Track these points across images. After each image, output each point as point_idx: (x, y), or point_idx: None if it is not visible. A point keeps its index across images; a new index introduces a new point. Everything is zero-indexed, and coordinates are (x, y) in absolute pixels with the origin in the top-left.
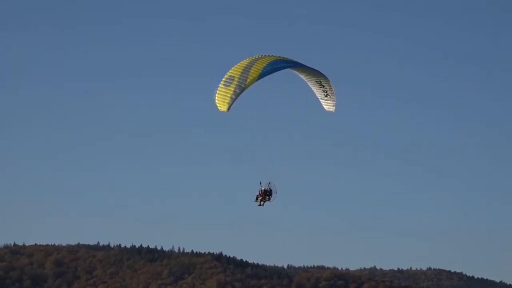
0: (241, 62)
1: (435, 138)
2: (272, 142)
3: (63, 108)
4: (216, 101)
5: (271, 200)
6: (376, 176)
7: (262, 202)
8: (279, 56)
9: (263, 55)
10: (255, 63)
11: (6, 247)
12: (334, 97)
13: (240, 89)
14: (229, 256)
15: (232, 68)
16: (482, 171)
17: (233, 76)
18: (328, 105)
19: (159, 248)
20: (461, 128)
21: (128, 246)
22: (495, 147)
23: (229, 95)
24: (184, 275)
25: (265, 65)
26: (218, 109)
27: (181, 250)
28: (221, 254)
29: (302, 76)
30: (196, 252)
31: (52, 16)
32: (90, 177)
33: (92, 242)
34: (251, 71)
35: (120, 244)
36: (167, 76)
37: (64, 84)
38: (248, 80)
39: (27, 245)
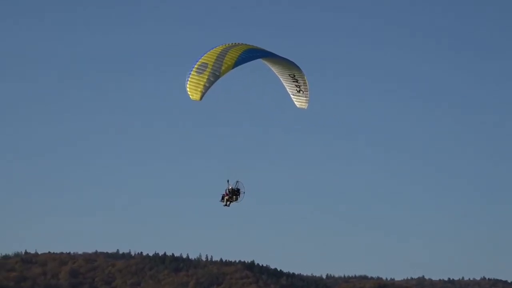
0: (214, 49)
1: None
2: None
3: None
4: (188, 89)
5: (238, 200)
6: (415, 178)
7: (228, 203)
8: (252, 45)
9: (236, 43)
10: (230, 50)
11: (17, 255)
12: (308, 92)
13: (214, 77)
14: (262, 265)
15: (205, 55)
16: None
17: (206, 63)
18: (300, 102)
19: (184, 256)
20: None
21: (151, 254)
22: None
23: (202, 83)
24: (212, 286)
25: (240, 52)
26: (190, 97)
27: (209, 259)
28: (253, 262)
29: (274, 69)
30: (226, 260)
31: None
32: (107, 179)
33: (111, 249)
34: (226, 58)
35: (141, 252)
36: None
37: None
38: (223, 67)
39: (39, 253)
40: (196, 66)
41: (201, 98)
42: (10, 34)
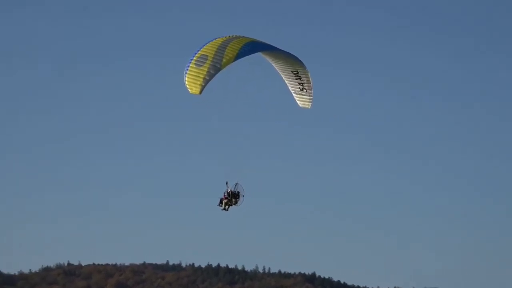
0: (214, 41)
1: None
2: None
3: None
4: (186, 82)
5: (238, 204)
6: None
7: (226, 207)
8: (253, 38)
9: (237, 35)
10: (231, 43)
11: (59, 267)
12: (311, 91)
13: (215, 70)
14: (324, 277)
15: (204, 47)
16: None
17: (206, 55)
18: (303, 101)
19: (240, 267)
20: None
21: (203, 266)
22: None
23: (202, 76)
24: None
25: (242, 45)
26: (189, 91)
27: (267, 270)
28: (314, 274)
29: (276, 64)
30: (284, 272)
31: None
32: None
33: (160, 261)
34: (227, 50)
35: (193, 263)
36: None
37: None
38: (224, 59)
39: (83, 264)
40: (195, 58)
41: (200, 92)
42: None
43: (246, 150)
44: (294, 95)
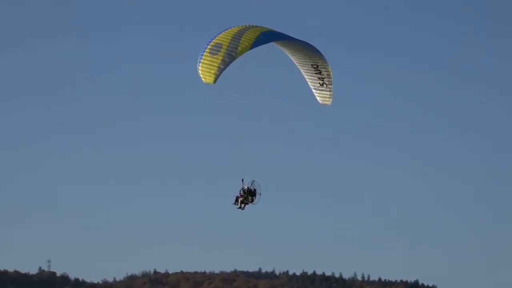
0: (229, 29)
1: None
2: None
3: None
4: (200, 71)
5: (254, 202)
6: None
7: (242, 205)
8: (270, 28)
9: (252, 25)
10: (246, 31)
11: (145, 275)
12: (332, 86)
13: (230, 58)
14: (427, 285)
15: (219, 35)
16: None
17: (221, 44)
18: (323, 97)
19: (337, 275)
20: None
21: (298, 273)
22: None
23: (216, 65)
24: None
25: (258, 34)
26: (202, 80)
27: (366, 278)
28: (416, 282)
29: (294, 57)
30: (385, 280)
31: None
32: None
33: (252, 268)
34: (242, 39)
35: (287, 271)
36: None
37: None
38: (240, 48)
39: (170, 272)
40: (209, 47)
41: (215, 81)
42: None
43: (263, 146)
44: (313, 91)
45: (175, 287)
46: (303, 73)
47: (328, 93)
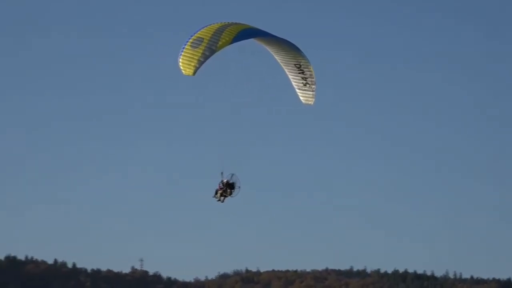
0: (212, 25)
1: None
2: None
3: None
4: (180, 64)
5: (233, 195)
6: None
7: (222, 198)
8: (253, 26)
9: (235, 22)
10: (228, 27)
11: (237, 273)
12: (315, 86)
13: (210, 52)
14: None
15: (201, 30)
16: None
17: (202, 38)
18: (306, 96)
19: (429, 273)
20: None
21: (389, 271)
22: None
23: (197, 57)
24: None
25: (240, 30)
26: (182, 72)
27: (458, 276)
28: (509, 280)
29: (277, 56)
30: (477, 278)
31: None
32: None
33: (344, 266)
34: (224, 34)
35: (379, 269)
36: None
37: None
38: (220, 42)
39: (262, 271)
40: (190, 40)
41: (194, 73)
42: None
43: (244, 140)
44: (297, 90)
45: (267, 286)
46: (286, 72)
47: (311, 93)
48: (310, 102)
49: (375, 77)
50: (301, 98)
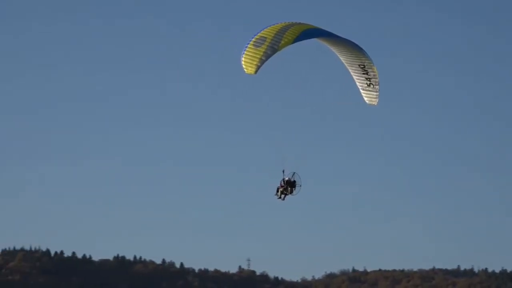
0: (275, 25)
1: None
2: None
3: None
4: (243, 62)
5: (294, 193)
6: None
7: (282, 196)
8: (316, 26)
9: (299, 22)
10: (291, 27)
11: (344, 273)
12: (378, 86)
13: (272, 51)
14: None
15: (264, 30)
16: None
17: (265, 37)
18: (370, 97)
19: None
20: None
21: (497, 271)
22: None
23: (259, 56)
24: None
25: (302, 30)
26: (245, 71)
27: None
28: None
29: (342, 57)
30: None
31: None
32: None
33: (451, 266)
34: (286, 33)
35: (486, 268)
36: None
37: None
38: (283, 41)
39: (369, 270)
40: (253, 40)
41: (256, 72)
42: None
43: (305, 139)
44: (361, 91)
45: (374, 286)
46: (351, 72)
47: (375, 93)
48: (374, 103)
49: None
50: (365, 98)
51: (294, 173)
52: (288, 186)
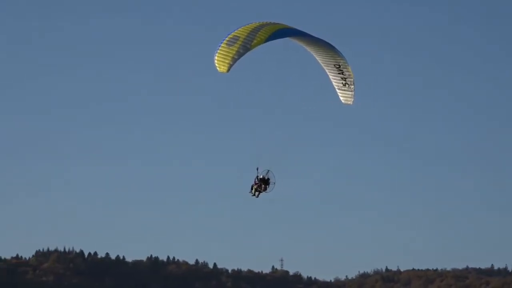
0: (248, 25)
1: None
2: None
3: None
4: (216, 61)
5: (267, 190)
6: None
7: (256, 193)
8: (292, 26)
9: (273, 22)
10: (265, 27)
11: (377, 272)
12: (353, 86)
13: (244, 49)
14: None
15: (237, 29)
16: None
17: (238, 37)
18: (345, 97)
19: None
20: None
21: None
22: None
23: (231, 55)
24: None
25: (276, 29)
26: (217, 69)
27: None
28: None
29: (317, 57)
30: None
31: None
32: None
33: (484, 265)
34: (259, 32)
35: None
36: None
37: None
38: (255, 40)
39: (402, 270)
40: (227, 39)
41: (228, 70)
42: None
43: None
44: (337, 90)
45: (407, 285)
46: (327, 72)
47: (350, 93)
48: (349, 102)
49: None
50: (341, 98)
51: (268, 170)
52: (262, 184)
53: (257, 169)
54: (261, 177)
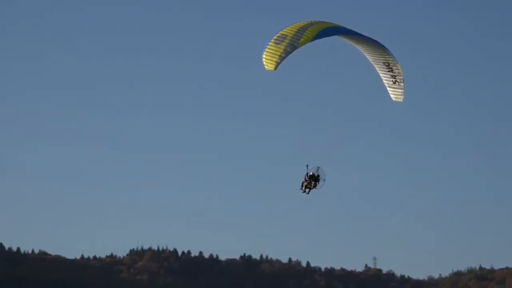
0: (296, 24)
1: None
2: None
3: None
4: (264, 59)
5: (317, 187)
6: None
7: (307, 190)
8: (338, 24)
9: (322, 21)
10: (312, 25)
11: (471, 271)
12: (403, 83)
13: (292, 48)
14: None
15: (286, 28)
16: None
17: (286, 35)
18: (395, 94)
19: None
20: None
21: None
22: None
23: (279, 53)
24: None
25: (323, 28)
26: (265, 68)
27: None
28: None
29: (367, 55)
30: None
31: None
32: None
33: None
34: (307, 31)
35: None
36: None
37: None
38: (302, 39)
39: (496, 268)
40: (275, 37)
41: (275, 68)
42: None
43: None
44: (387, 88)
45: (501, 283)
46: (377, 70)
47: (400, 90)
48: (400, 100)
49: None
50: (391, 95)
51: (319, 167)
52: (312, 180)
53: (307, 166)
54: (311, 174)
